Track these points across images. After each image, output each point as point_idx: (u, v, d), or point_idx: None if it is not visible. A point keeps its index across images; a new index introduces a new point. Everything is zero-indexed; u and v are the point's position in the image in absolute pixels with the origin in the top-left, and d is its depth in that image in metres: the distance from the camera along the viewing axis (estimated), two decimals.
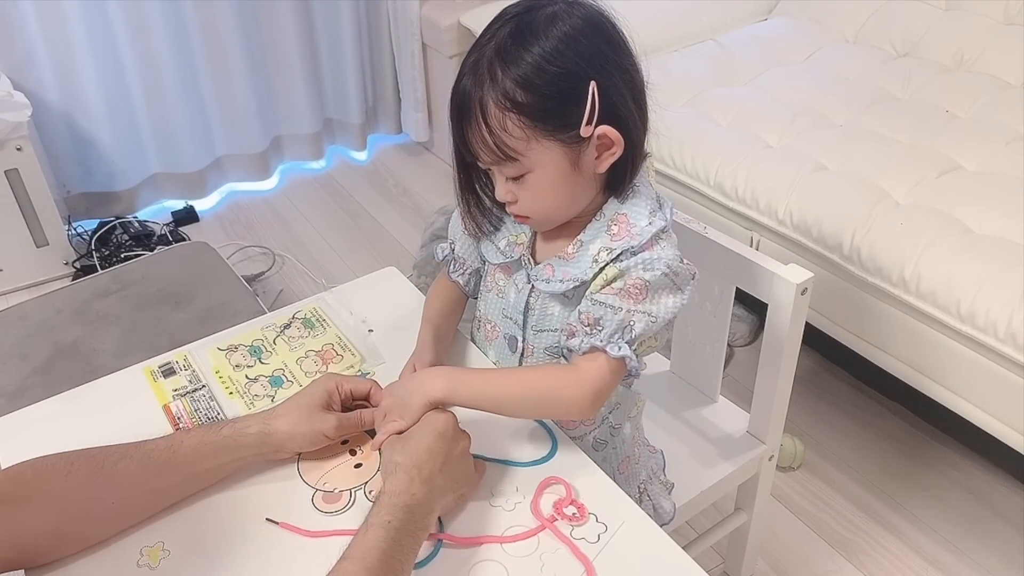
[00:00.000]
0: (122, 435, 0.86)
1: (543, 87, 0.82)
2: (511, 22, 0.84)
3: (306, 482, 0.90)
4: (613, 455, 1.06)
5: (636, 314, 0.87)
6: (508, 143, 0.84)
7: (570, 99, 0.82)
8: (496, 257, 1.00)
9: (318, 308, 1.18)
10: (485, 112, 0.83)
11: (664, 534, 0.86)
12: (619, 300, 0.87)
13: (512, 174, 0.87)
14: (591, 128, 0.83)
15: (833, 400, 1.87)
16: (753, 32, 2.30)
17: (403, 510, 0.77)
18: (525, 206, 0.90)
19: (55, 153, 2.37)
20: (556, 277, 0.92)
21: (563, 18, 0.83)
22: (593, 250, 0.90)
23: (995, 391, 1.40)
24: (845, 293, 1.59)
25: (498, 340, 1.03)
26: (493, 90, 0.82)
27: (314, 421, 0.90)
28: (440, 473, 0.82)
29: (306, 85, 2.64)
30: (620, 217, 0.90)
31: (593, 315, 0.87)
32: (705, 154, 1.79)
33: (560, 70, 0.81)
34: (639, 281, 0.86)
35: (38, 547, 0.80)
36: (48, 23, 2.19)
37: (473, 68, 0.84)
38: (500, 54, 0.83)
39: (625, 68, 0.86)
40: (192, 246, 1.88)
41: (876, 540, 1.59)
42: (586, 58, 0.82)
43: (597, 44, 0.83)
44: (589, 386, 0.87)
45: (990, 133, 1.76)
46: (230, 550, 0.84)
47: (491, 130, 0.83)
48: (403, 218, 2.58)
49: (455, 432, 0.86)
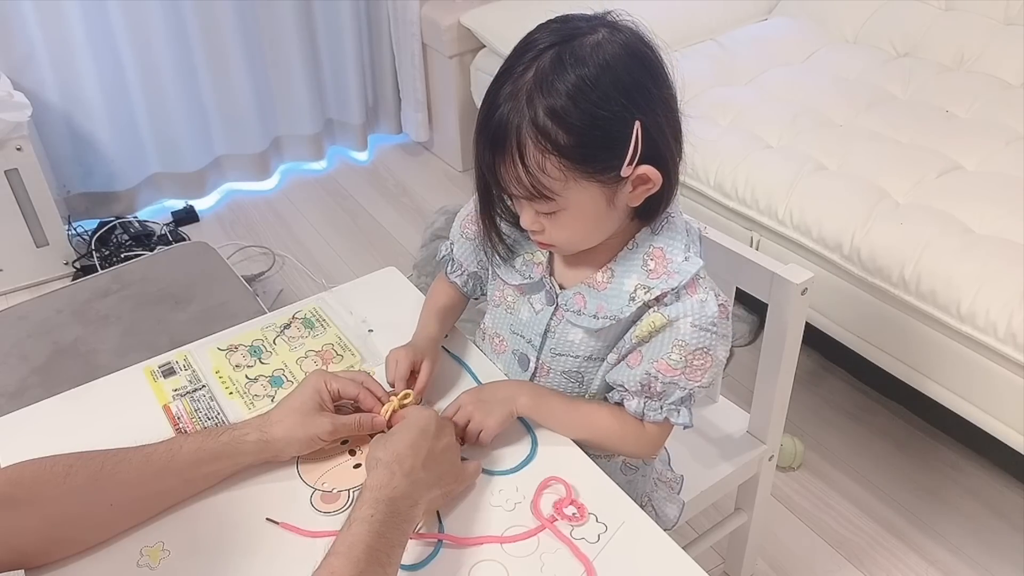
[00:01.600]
0: (122, 435, 0.86)
1: (588, 131, 0.77)
2: (553, 50, 0.78)
3: (305, 481, 0.90)
4: (642, 481, 1.07)
5: (698, 388, 0.89)
6: (545, 183, 0.79)
7: (614, 142, 0.78)
8: (512, 277, 0.97)
9: (318, 308, 1.18)
10: (523, 150, 0.78)
11: (664, 534, 0.86)
12: (685, 380, 0.87)
13: (545, 211, 0.83)
14: (632, 168, 0.80)
15: (833, 400, 1.87)
16: (753, 32, 2.30)
17: (385, 503, 0.77)
18: (552, 236, 0.87)
19: (55, 153, 2.36)
20: (588, 311, 0.90)
21: (606, 47, 0.78)
22: (628, 285, 0.88)
23: (995, 391, 1.40)
24: (845, 293, 1.59)
25: (506, 355, 1.03)
26: (533, 127, 0.77)
27: (308, 426, 0.90)
28: (422, 467, 0.82)
29: (306, 85, 2.64)
30: (656, 252, 0.88)
31: (657, 389, 0.89)
32: (705, 154, 1.78)
33: (607, 114, 0.77)
34: (700, 352, 0.86)
35: (36, 549, 0.80)
36: (48, 23, 2.19)
37: (511, 97, 0.78)
38: (542, 88, 0.77)
39: (667, 102, 0.82)
40: (192, 246, 1.88)
41: (876, 540, 1.59)
42: (631, 97, 0.78)
43: (642, 80, 0.79)
44: (650, 443, 0.94)
45: (990, 133, 1.76)
46: (230, 550, 0.84)
47: (528, 169, 0.79)
48: (403, 218, 2.58)
49: (438, 429, 0.87)
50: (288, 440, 0.89)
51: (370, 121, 2.88)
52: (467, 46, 2.53)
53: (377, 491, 0.78)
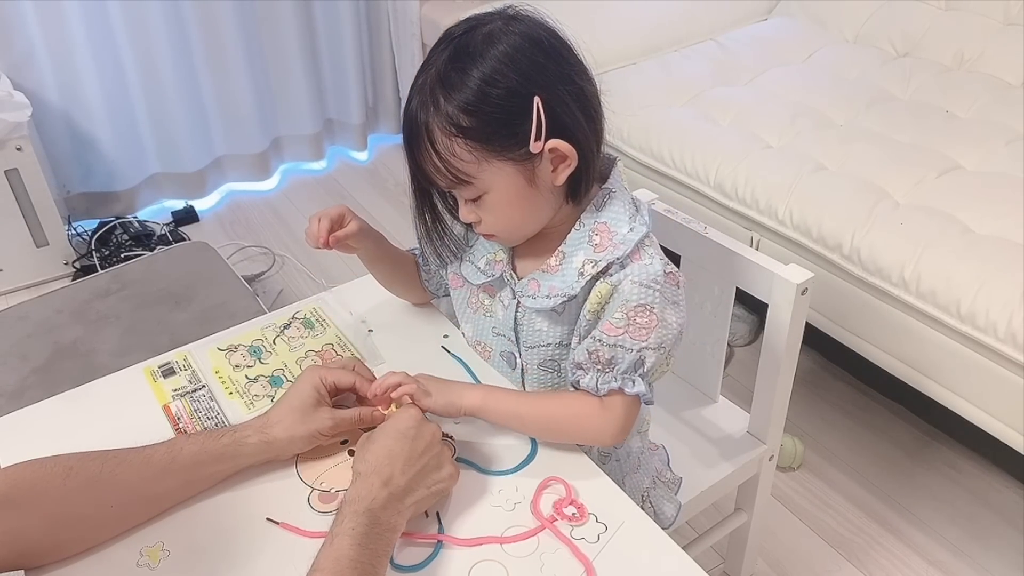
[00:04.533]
0: (122, 435, 0.86)
1: (486, 109, 0.81)
2: (450, 46, 0.83)
3: (303, 481, 0.90)
4: (617, 468, 1.06)
5: (647, 350, 0.87)
6: (459, 167, 0.84)
7: (515, 118, 0.82)
8: (477, 277, 0.99)
9: (318, 308, 1.18)
10: (432, 138, 0.83)
11: (664, 534, 0.86)
12: (630, 339, 0.87)
13: (469, 196, 0.87)
14: (541, 144, 0.83)
15: (833, 400, 1.87)
16: (753, 32, 2.30)
17: (364, 515, 0.77)
18: (489, 225, 0.90)
19: (55, 153, 2.37)
20: (542, 292, 0.92)
21: (500, 36, 0.82)
22: (577, 262, 0.90)
23: (995, 391, 1.40)
24: (845, 293, 1.59)
25: (494, 359, 1.04)
26: (437, 116, 0.82)
27: (309, 422, 0.90)
28: (402, 474, 0.81)
29: (306, 85, 2.64)
30: (600, 226, 0.90)
31: (605, 355, 0.88)
32: (705, 154, 1.79)
33: (501, 91, 0.81)
34: (642, 309, 0.86)
35: (36, 549, 0.80)
36: (48, 23, 2.19)
37: (417, 94, 0.84)
38: (441, 80, 0.82)
39: (570, 78, 0.84)
40: (192, 246, 1.88)
41: (876, 540, 1.59)
42: (526, 74, 0.81)
43: (536, 58, 0.82)
44: (611, 421, 0.90)
45: (990, 133, 1.76)
46: (230, 550, 0.84)
47: (440, 156, 0.83)
48: (403, 218, 2.58)
49: (418, 429, 0.86)
50: (290, 439, 0.89)
51: (370, 121, 2.88)
52: None
53: (356, 503, 0.78)
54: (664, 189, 1.88)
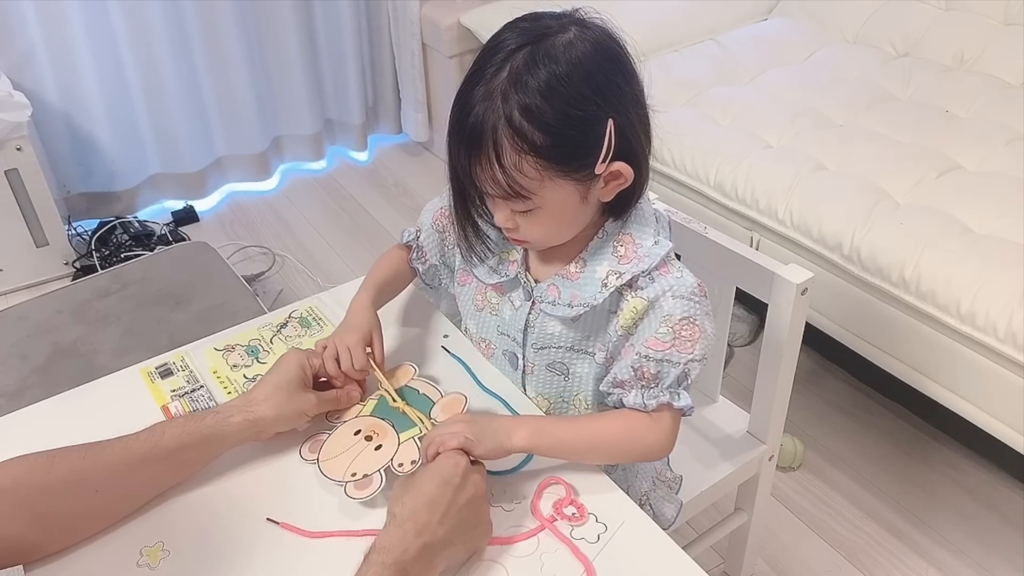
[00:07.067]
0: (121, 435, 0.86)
1: (565, 132, 0.78)
2: (526, 49, 0.78)
3: (330, 478, 0.88)
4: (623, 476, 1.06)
5: (692, 363, 0.87)
6: (522, 183, 0.80)
7: (591, 141, 0.80)
8: (489, 277, 0.98)
9: (315, 307, 1.18)
10: (499, 150, 0.79)
11: (664, 534, 0.86)
12: (677, 353, 0.86)
13: (520, 209, 0.84)
14: (605, 165, 0.81)
15: (833, 400, 1.87)
16: (753, 32, 2.30)
17: (393, 568, 0.72)
18: (526, 233, 0.88)
19: (55, 153, 2.37)
20: (563, 300, 0.91)
21: (578, 46, 0.79)
22: (600, 273, 0.89)
23: (995, 391, 1.40)
24: (845, 293, 1.59)
25: (496, 357, 1.04)
26: (509, 128, 0.78)
27: (295, 402, 0.91)
28: (440, 524, 0.77)
29: (306, 85, 2.64)
30: (625, 238, 0.89)
31: (651, 371, 0.87)
32: (705, 154, 1.79)
33: (581, 113, 0.78)
34: (687, 322, 0.86)
35: (28, 540, 0.80)
36: (48, 23, 2.19)
37: (486, 98, 0.79)
38: (516, 87, 0.77)
39: (637, 99, 0.83)
40: (192, 246, 1.88)
41: (876, 540, 1.59)
42: (604, 95, 0.79)
43: (613, 77, 0.80)
44: (662, 435, 0.89)
45: (990, 133, 1.76)
46: (230, 550, 0.84)
47: (504, 170, 0.79)
48: (403, 218, 2.58)
49: (463, 479, 0.81)
50: (276, 417, 0.90)
51: (370, 121, 2.88)
52: (467, 46, 2.53)
53: (385, 554, 0.73)
54: (664, 189, 1.88)
